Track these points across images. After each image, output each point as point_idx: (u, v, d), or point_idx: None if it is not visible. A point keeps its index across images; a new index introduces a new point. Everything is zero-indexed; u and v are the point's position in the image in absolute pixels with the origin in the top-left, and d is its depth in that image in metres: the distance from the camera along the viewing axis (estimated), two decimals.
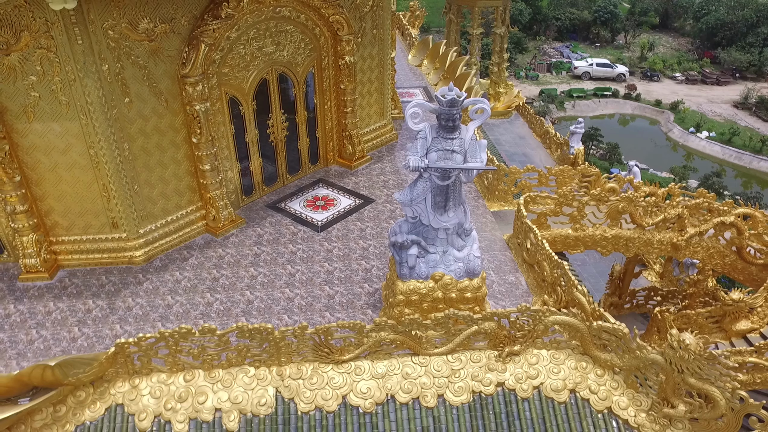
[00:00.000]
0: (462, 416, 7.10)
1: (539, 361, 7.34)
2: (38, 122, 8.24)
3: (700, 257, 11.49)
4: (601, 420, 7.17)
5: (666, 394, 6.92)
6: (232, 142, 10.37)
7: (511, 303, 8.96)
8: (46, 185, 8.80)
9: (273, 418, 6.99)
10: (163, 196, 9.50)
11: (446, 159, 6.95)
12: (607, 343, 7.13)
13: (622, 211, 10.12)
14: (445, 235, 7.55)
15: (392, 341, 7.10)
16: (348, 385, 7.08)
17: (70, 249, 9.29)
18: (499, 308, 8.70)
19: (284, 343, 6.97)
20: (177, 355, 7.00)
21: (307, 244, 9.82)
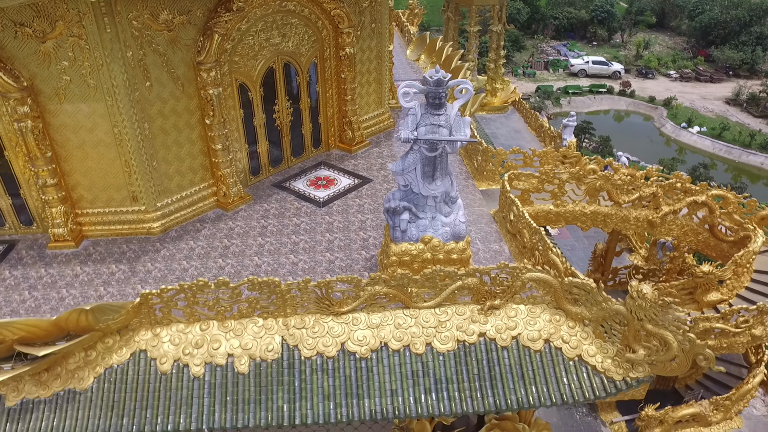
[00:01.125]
0: (448, 362, 7.97)
1: (517, 314, 8.22)
2: (68, 103, 9.15)
3: (675, 234, 12.35)
4: (572, 366, 8.04)
5: (628, 341, 7.80)
6: (241, 125, 11.27)
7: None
8: (74, 161, 9.70)
9: (279, 363, 7.89)
10: (178, 172, 10.41)
11: (433, 132, 7.85)
12: (578, 298, 8.00)
13: (599, 189, 11.00)
14: (434, 202, 8.44)
15: (386, 295, 7.98)
16: (346, 334, 7.97)
17: (93, 220, 10.21)
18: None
19: (289, 295, 7.87)
20: (194, 307, 7.90)
21: (309, 218, 10.72)
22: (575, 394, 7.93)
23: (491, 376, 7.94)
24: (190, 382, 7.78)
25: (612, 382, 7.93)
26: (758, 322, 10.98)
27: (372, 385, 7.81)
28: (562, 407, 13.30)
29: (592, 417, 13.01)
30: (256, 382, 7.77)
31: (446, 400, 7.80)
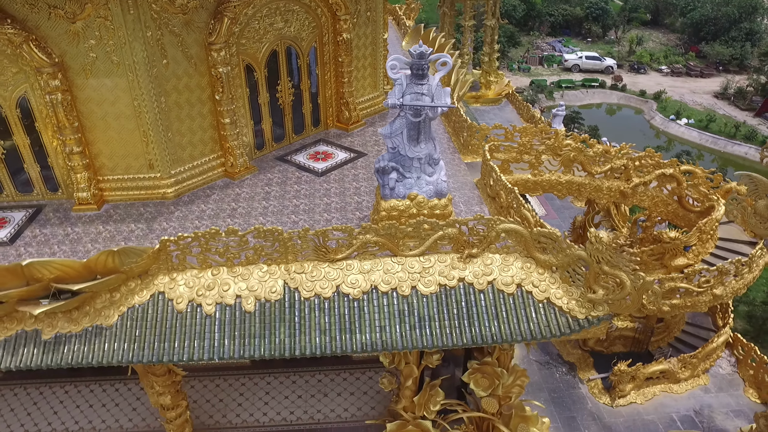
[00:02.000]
0: (430, 303, 9.02)
1: (493, 262, 9.26)
2: (94, 78, 10.22)
3: (647, 205, 13.40)
4: (541, 308, 9.09)
5: (589, 283, 8.84)
6: (247, 102, 12.33)
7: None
8: (97, 131, 10.78)
9: (281, 302, 8.94)
10: (190, 144, 11.48)
11: (417, 100, 8.90)
12: (545, 246, 9.05)
13: (573, 160, 12.04)
14: (419, 163, 9.50)
15: (376, 243, 9.03)
16: (340, 278, 9.03)
17: (114, 186, 11.28)
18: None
19: (291, 243, 8.92)
20: (206, 254, 8.96)
21: (309, 185, 11.78)
22: (543, 331, 8.99)
23: (469, 315, 9.00)
24: (202, 320, 8.84)
25: (576, 321, 8.98)
26: (718, 282, 12.02)
27: (363, 322, 8.87)
28: (543, 367, 14.35)
29: (571, 375, 14.02)
30: (261, 320, 8.83)
31: (429, 335, 8.85)
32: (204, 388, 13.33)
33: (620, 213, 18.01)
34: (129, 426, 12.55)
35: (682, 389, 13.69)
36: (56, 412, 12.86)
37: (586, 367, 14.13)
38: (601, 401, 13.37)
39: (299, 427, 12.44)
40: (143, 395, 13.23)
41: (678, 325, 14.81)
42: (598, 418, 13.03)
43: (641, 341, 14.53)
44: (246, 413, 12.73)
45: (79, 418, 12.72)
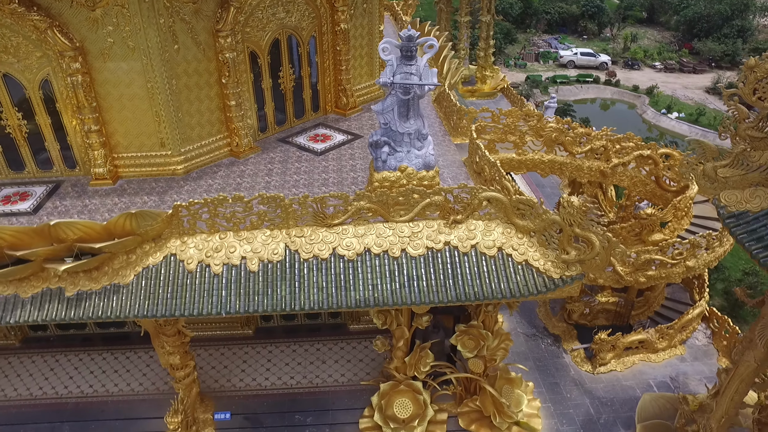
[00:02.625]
0: (419, 264, 9.88)
1: (476, 228, 10.12)
2: (111, 62, 11.10)
3: (626, 184, 14.24)
4: (520, 268, 9.94)
5: (563, 245, 9.69)
6: (251, 87, 13.21)
7: None
8: (113, 111, 11.66)
9: (283, 263, 9.81)
10: (199, 124, 12.36)
11: (406, 79, 9.77)
12: (524, 212, 9.90)
13: (555, 140, 12.88)
14: (408, 138, 10.36)
15: (369, 209, 9.90)
16: (337, 241, 9.89)
17: (127, 163, 12.17)
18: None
19: (291, 209, 9.79)
20: (215, 219, 9.83)
21: (309, 163, 12.65)
22: (522, 290, 9.84)
23: (454, 275, 9.85)
24: (211, 278, 9.71)
25: (551, 280, 9.83)
26: (691, 254, 12.85)
27: (357, 281, 9.73)
28: (529, 339, 15.18)
29: (555, 346, 14.85)
30: (264, 278, 9.70)
31: (417, 293, 9.70)
32: (210, 356, 14.21)
33: (607, 198, 18.84)
34: (140, 389, 13.43)
35: (659, 358, 14.51)
36: (72, 377, 13.75)
37: (570, 338, 14.96)
38: (583, 369, 14.19)
39: (299, 390, 13.30)
40: (152, 362, 14.12)
41: (657, 300, 15.64)
42: (579, 383, 13.86)
43: (622, 315, 15.35)
44: (249, 378, 13.60)
45: (93, 382, 13.60)
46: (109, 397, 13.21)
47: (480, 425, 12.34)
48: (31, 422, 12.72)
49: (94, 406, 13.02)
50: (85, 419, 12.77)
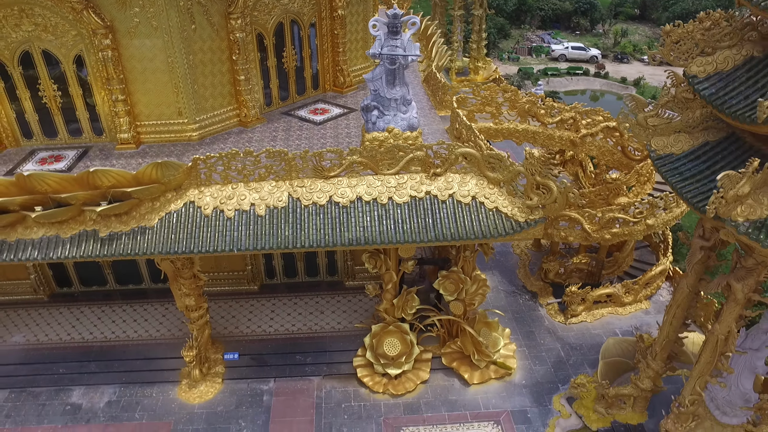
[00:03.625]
0: (403, 210, 11.43)
1: (453, 180, 11.68)
2: (136, 39, 12.68)
3: (594, 154, 15.77)
4: (491, 214, 11.49)
5: (527, 193, 11.24)
6: (258, 65, 14.78)
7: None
8: (137, 83, 13.23)
9: (286, 209, 11.37)
10: (212, 96, 13.93)
11: (393, 51, 11.33)
12: (494, 166, 11.45)
13: (528, 111, 14.41)
14: (395, 103, 11.92)
15: (360, 163, 11.46)
16: (333, 190, 11.46)
17: (149, 130, 13.74)
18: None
19: (294, 163, 11.37)
20: (228, 171, 11.42)
21: (309, 131, 14.22)
22: (492, 231, 11.39)
23: (433, 219, 11.41)
24: (224, 222, 11.29)
25: (518, 223, 11.38)
26: (650, 213, 14.39)
27: (350, 223, 11.29)
28: (509, 295, 16.70)
29: (532, 301, 16.35)
30: (269, 221, 11.27)
31: (401, 233, 11.26)
32: (219, 308, 15.78)
33: (587, 175, 20.36)
34: (157, 335, 15.01)
35: (626, 311, 16.00)
36: (95, 325, 15.34)
37: (545, 294, 16.45)
38: (557, 320, 15.68)
39: (299, 335, 14.87)
40: (167, 313, 15.70)
41: (626, 261, 17.12)
42: (552, 332, 15.34)
43: (594, 274, 16.83)
44: (255, 325, 15.17)
45: (115, 329, 15.20)
46: (130, 341, 14.81)
47: (461, 363, 13.88)
48: (62, 361, 14.31)
49: (116, 348, 14.62)
50: (109, 359, 14.36)
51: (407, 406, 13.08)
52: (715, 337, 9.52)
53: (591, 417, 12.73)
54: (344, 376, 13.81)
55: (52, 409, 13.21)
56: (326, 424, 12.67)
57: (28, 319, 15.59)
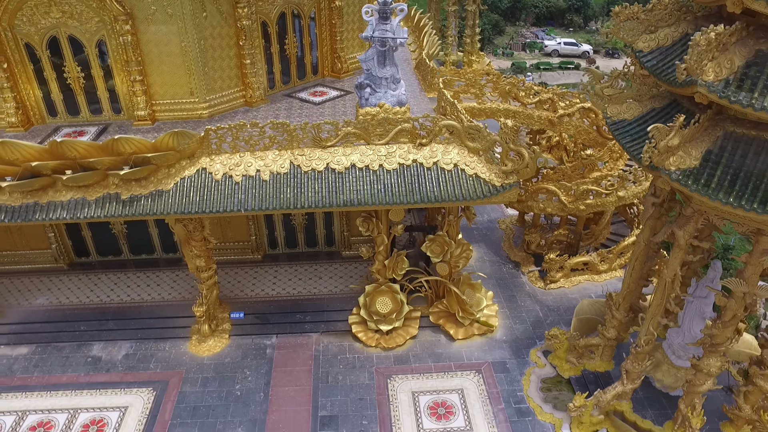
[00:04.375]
0: (392, 175, 12.78)
1: (437, 149, 13.03)
2: (153, 25, 14.04)
3: (572, 133, 17.09)
4: (470, 179, 12.83)
5: (503, 160, 12.57)
6: (262, 51, 16.13)
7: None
8: (153, 66, 14.59)
9: (288, 174, 12.73)
10: (221, 78, 15.30)
11: (383, 35, 12.69)
12: (474, 136, 12.79)
13: (508, 92, 15.73)
14: (386, 82, 13.27)
15: (354, 134, 12.81)
16: (329, 158, 12.81)
17: (163, 108, 15.10)
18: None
19: (295, 133, 12.73)
20: (236, 141, 12.78)
21: (308, 110, 15.58)
22: (471, 195, 12.74)
23: (419, 183, 12.75)
24: (233, 186, 12.65)
25: (494, 187, 12.72)
26: (621, 186, 15.74)
27: (344, 187, 12.64)
28: (494, 264, 18.02)
29: (515, 270, 17.66)
30: (273, 185, 12.63)
31: (390, 196, 12.61)
32: (226, 275, 17.12)
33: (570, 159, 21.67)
34: (169, 298, 16.36)
35: (601, 278, 17.29)
36: (112, 289, 16.71)
37: (527, 264, 17.76)
38: (537, 285, 16.99)
39: (300, 297, 16.22)
40: (178, 279, 17.05)
41: (603, 234, 18.43)
42: (532, 296, 16.65)
43: (572, 245, 18.14)
44: (258, 289, 16.53)
45: (130, 293, 16.56)
46: (144, 303, 16.17)
47: (446, 321, 15.22)
48: (82, 320, 15.67)
49: (131, 309, 15.98)
50: (125, 318, 15.72)
51: (397, 358, 14.42)
52: (664, 281, 10.85)
53: (564, 367, 14.05)
54: (340, 333, 15.17)
55: (75, 361, 14.58)
56: (323, 372, 14.02)
57: (50, 284, 16.96)
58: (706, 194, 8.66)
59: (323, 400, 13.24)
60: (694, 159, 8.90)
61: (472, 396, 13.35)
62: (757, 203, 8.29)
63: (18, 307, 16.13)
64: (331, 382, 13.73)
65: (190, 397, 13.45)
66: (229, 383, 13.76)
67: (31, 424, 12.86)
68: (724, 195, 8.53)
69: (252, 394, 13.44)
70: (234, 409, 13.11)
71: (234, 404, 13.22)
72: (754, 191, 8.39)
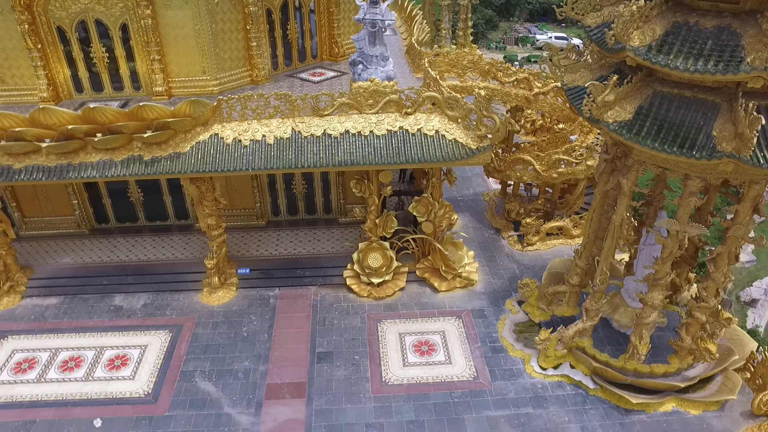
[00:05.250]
0: (381, 140, 14.54)
1: (421, 118, 14.79)
2: (171, 10, 15.82)
3: (546, 110, 18.83)
4: (450, 143, 14.58)
5: (478, 125, 14.32)
6: (267, 35, 17.91)
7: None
8: (170, 47, 16.38)
9: (290, 139, 14.50)
10: (230, 58, 17.08)
11: (373, 17, 14.46)
12: (453, 106, 14.54)
13: (488, 72, 17.49)
14: (376, 59, 15.06)
15: (348, 104, 14.58)
16: (327, 125, 14.58)
17: (178, 85, 16.88)
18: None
19: (296, 103, 14.50)
20: (244, 110, 14.55)
21: (308, 88, 17.36)
22: (451, 156, 14.49)
23: (405, 147, 14.51)
24: (242, 148, 14.42)
25: (471, 150, 14.46)
26: (589, 156, 17.46)
27: (339, 150, 14.41)
28: (477, 230, 19.77)
29: (496, 235, 19.40)
30: (277, 148, 14.39)
31: (379, 158, 14.37)
32: (233, 238, 18.88)
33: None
34: (182, 257, 18.13)
35: (574, 242, 19.01)
36: (130, 250, 18.49)
37: (507, 229, 19.48)
38: (515, 248, 18.72)
39: (300, 256, 17.98)
40: (189, 242, 18.81)
41: (577, 203, 20.12)
42: (510, 256, 18.39)
43: (549, 213, 19.86)
44: (262, 249, 18.30)
45: (146, 253, 18.34)
46: (159, 261, 17.94)
47: (431, 275, 16.97)
48: (104, 275, 17.46)
49: (148, 266, 17.75)
50: (143, 274, 17.49)
51: (386, 306, 16.17)
52: (613, 225, 12.58)
53: (535, 313, 15.78)
54: (336, 285, 16.93)
55: (99, 309, 16.36)
56: (321, 317, 15.79)
57: (74, 246, 18.75)
58: (638, 141, 10.40)
59: (320, 340, 15.01)
60: (628, 113, 10.65)
61: (453, 336, 15.10)
62: (677, 147, 10.02)
63: (46, 265, 17.92)
64: (327, 325, 15.49)
65: (202, 337, 15.23)
66: (237, 326, 15.54)
67: (64, 358, 14.63)
68: (651, 141, 10.28)
69: (257, 335, 15.21)
70: (241, 346, 14.89)
71: (241, 343, 14.99)
72: (674, 138, 10.13)
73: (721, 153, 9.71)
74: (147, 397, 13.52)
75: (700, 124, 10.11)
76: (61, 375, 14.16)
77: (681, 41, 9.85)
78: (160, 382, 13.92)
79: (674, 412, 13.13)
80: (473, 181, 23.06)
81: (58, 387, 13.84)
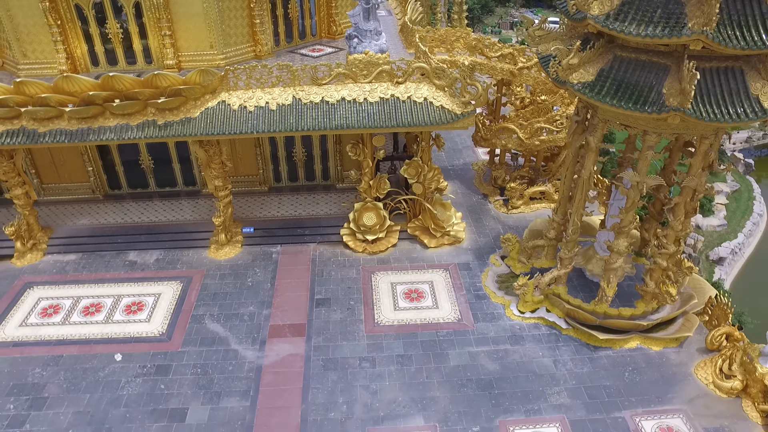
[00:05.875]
0: (375, 107, 15.91)
1: (411, 87, 16.15)
2: None
3: (531, 84, 20.17)
4: (438, 109, 15.95)
5: (462, 92, 15.68)
6: (269, 13, 19.23)
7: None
8: (180, 23, 17.71)
9: (291, 105, 15.87)
10: (235, 34, 18.41)
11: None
12: (440, 75, 15.88)
13: (475, 47, 18.82)
14: (370, 34, 16.40)
15: (344, 74, 15.93)
16: (325, 93, 15.95)
17: (187, 59, 18.24)
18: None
19: (296, 73, 15.86)
20: (249, 80, 15.91)
21: (308, 62, 18.70)
22: (438, 120, 15.85)
23: (396, 113, 15.88)
24: (247, 114, 15.79)
25: (456, 115, 15.83)
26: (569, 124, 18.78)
27: (336, 115, 15.78)
28: (465, 196, 21.19)
29: (483, 200, 20.82)
30: (279, 113, 15.77)
31: (374, 122, 15.75)
32: (238, 202, 20.28)
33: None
34: (190, 219, 19.54)
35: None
36: (142, 213, 19.90)
37: (494, 194, 20.90)
38: (501, 211, 20.14)
39: (300, 217, 19.40)
40: (197, 206, 20.22)
41: (559, 170, 21.52)
42: (496, 218, 19.82)
43: (533, 179, 21.26)
44: (265, 211, 19.73)
45: (158, 215, 19.75)
46: (169, 222, 19.36)
47: (422, 233, 18.41)
48: (120, 234, 18.89)
49: (160, 227, 19.17)
50: (154, 233, 18.92)
51: (380, 260, 17.63)
52: (582, 179, 13.99)
53: (516, 266, 17.21)
54: (334, 243, 18.38)
55: (115, 264, 17.81)
56: (319, 270, 17.24)
57: (90, 209, 20.15)
58: (599, 99, 11.79)
59: (318, 288, 16.48)
60: (591, 75, 12.03)
61: (440, 285, 16.57)
62: (632, 103, 11.41)
63: (65, 226, 19.34)
64: (325, 276, 16.96)
65: (210, 287, 16.70)
66: (242, 278, 17.00)
67: (85, 305, 16.10)
68: (610, 99, 11.66)
69: (261, 285, 16.68)
70: (246, 294, 16.36)
71: (246, 291, 16.47)
72: (630, 95, 11.51)
73: (668, 107, 11.09)
74: (161, 336, 15.01)
75: (653, 83, 11.49)
76: (83, 318, 15.64)
77: (635, 10, 11.19)
78: (173, 324, 15.40)
79: (638, 348, 14.62)
80: (463, 153, 24.45)
81: (81, 328, 15.33)
